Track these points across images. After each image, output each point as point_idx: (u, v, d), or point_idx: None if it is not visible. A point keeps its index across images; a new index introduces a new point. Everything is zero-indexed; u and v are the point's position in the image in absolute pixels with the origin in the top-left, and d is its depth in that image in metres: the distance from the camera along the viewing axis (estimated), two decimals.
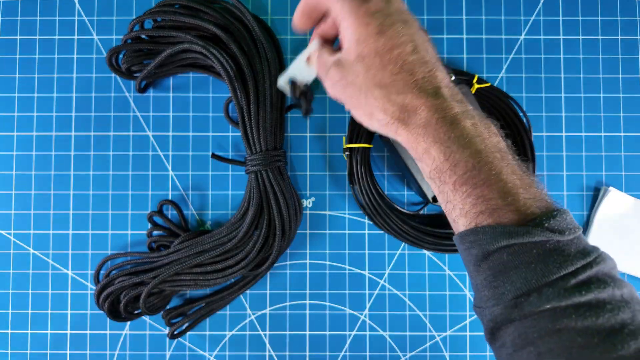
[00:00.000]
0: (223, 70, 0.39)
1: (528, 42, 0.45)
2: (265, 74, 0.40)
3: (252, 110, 0.40)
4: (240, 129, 0.40)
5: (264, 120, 0.40)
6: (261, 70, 0.40)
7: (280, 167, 0.41)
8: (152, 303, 0.41)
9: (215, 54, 0.39)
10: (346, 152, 0.43)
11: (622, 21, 0.45)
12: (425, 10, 0.45)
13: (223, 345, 0.44)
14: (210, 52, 0.39)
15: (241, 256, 0.41)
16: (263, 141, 0.40)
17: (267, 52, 0.40)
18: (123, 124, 0.45)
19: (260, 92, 0.40)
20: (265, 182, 0.40)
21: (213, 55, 0.39)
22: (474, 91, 0.42)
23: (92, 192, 0.44)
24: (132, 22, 0.41)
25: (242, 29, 0.40)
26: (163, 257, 0.41)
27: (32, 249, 0.44)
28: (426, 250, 0.44)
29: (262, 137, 0.40)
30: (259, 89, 0.40)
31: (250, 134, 0.40)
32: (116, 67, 0.43)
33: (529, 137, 0.42)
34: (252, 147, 0.40)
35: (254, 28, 0.40)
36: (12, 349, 0.44)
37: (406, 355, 0.44)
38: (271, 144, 0.41)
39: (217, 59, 0.39)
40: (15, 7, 0.45)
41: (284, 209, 0.40)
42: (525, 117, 0.43)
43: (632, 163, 0.45)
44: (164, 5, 0.41)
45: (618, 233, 0.44)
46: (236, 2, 0.41)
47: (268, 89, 0.40)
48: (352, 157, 0.42)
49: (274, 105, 0.40)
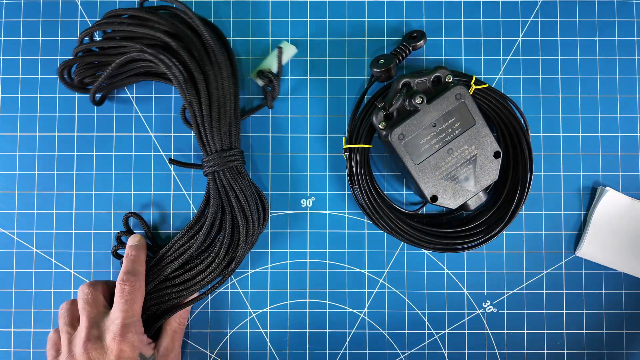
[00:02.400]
0: (172, 76, 0.40)
1: (526, 44, 0.45)
2: (216, 76, 0.40)
3: (205, 113, 0.40)
4: (195, 132, 0.41)
5: (217, 121, 0.40)
6: (212, 73, 0.40)
7: (237, 167, 0.41)
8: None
9: (165, 60, 0.39)
10: (346, 152, 0.43)
11: (619, 23, 0.45)
12: (424, 12, 0.45)
13: (224, 343, 0.45)
14: (159, 59, 0.39)
15: (210, 259, 0.41)
16: (217, 142, 0.41)
17: (217, 55, 0.41)
18: (125, 125, 0.45)
19: (212, 94, 0.40)
20: (223, 182, 0.41)
21: (162, 62, 0.39)
22: (472, 92, 0.42)
23: (95, 192, 0.45)
24: (80, 34, 0.41)
25: (191, 34, 0.41)
26: None
27: (35, 248, 0.45)
28: (425, 249, 0.44)
29: (217, 138, 0.40)
30: (210, 92, 0.40)
31: (204, 136, 0.41)
32: (68, 81, 0.43)
33: (527, 137, 0.43)
34: (207, 148, 0.41)
35: (203, 32, 0.40)
36: (15, 348, 0.44)
37: (405, 353, 0.44)
38: (226, 144, 0.41)
39: (167, 65, 0.39)
40: (18, 8, 0.45)
41: (245, 207, 0.41)
42: (522, 117, 0.44)
43: (629, 163, 0.45)
44: (110, 17, 0.41)
45: (615, 233, 0.44)
46: (184, 8, 0.41)
47: (220, 90, 0.40)
48: (352, 157, 0.43)
49: (227, 107, 0.41)
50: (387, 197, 0.44)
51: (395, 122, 0.40)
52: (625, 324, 0.44)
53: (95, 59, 0.42)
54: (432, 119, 0.39)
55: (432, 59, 0.45)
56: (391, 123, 0.40)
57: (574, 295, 0.44)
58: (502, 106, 0.43)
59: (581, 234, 0.45)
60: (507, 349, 0.44)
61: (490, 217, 0.43)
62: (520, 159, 0.43)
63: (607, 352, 0.44)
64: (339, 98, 0.45)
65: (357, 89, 0.45)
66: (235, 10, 0.45)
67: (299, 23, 0.45)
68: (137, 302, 0.39)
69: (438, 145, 0.40)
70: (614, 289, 0.44)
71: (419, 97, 0.39)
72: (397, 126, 0.39)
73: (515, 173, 0.43)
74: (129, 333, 0.38)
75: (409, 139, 0.40)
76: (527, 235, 0.45)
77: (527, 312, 0.44)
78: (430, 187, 0.40)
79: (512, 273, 0.45)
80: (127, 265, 0.40)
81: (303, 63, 0.45)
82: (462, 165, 0.40)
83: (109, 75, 0.41)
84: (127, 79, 0.43)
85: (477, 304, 0.45)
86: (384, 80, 0.44)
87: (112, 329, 0.37)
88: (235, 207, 0.41)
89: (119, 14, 0.41)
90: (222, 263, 0.41)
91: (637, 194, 0.45)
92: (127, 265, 0.40)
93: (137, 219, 0.44)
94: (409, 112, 0.40)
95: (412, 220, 0.44)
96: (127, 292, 0.39)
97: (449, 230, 0.43)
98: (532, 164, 0.43)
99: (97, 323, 0.38)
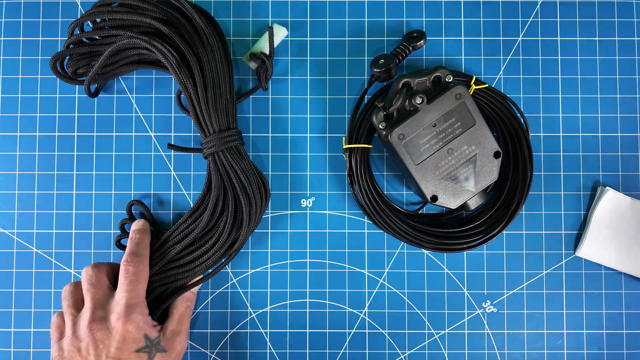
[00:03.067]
0: (167, 61, 0.40)
1: (526, 44, 0.45)
2: (209, 59, 0.41)
3: (200, 95, 0.40)
4: (192, 114, 0.41)
5: (212, 102, 0.41)
6: (205, 55, 0.41)
7: (237, 147, 0.42)
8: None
9: (157, 45, 0.39)
10: (346, 152, 0.43)
11: (619, 22, 0.45)
12: (424, 12, 0.45)
13: (224, 343, 0.45)
14: (152, 45, 0.40)
15: (214, 239, 0.41)
16: (215, 123, 0.41)
17: (208, 37, 0.41)
18: (125, 125, 0.45)
19: (207, 76, 0.40)
20: (224, 163, 0.41)
21: (155, 47, 0.40)
22: (472, 92, 0.42)
23: (95, 192, 0.45)
24: (70, 25, 0.41)
25: (182, 19, 0.41)
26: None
27: (35, 248, 0.45)
28: (425, 249, 0.44)
29: (214, 119, 0.41)
30: (204, 74, 0.40)
31: (202, 117, 0.41)
32: (62, 72, 0.43)
33: (527, 137, 0.43)
34: (205, 130, 0.41)
35: (193, 16, 0.41)
36: (15, 348, 0.44)
37: (405, 353, 0.44)
38: (224, 125, 0.41)
39: (160, 50, 0.40)
40: (18, 8, 0.45)
41: (247, 186, 0.41)
42: (522, 117, 0.44)
43: (629, 163, 0.45)
44: (100, 6, 0.41)
45: (615, 233, 0.44)
46: None
47: (214, 72, 0.41)
48: (352, 157, 0.43)
49: (222, 87, 0.41)
50: (387, 197, 0.44)
51: (395, 122, 0.40)
52: (625, 324, 0.44)
53: (87, 50, 0.42)
54: (432, 119, 0.39)
55: (432, 59, 0.45)
56: (391, 123, 0.40)
57: (574, 295, 0.44)
58: (502, 106, 0.43)
59: (581, 233, 0.45)
60: (507, 348, 0.44)
61: (490, 217, 0.43)
62: (520, 159, 0.43)
63: (607, 352, 0.44)
64: (339, 98, 0.45)
65: (357, 89, 0.45)
66: (235, 11, 0.45)
67: (299, 23, 0.45)
68: (141, 282, 0.39)
69: (438, 145, 0.40)
70: (614, 289, 0.44)
71: (419, 97, 0.39)
72: (397, 126, 0.39)
73: (515, 173, 0.43)
74: (134, 313, 0.37)
75: (409, 139, 0.40)
76: (527, 235, 0.45)
77: (527, 312, 0.44)
78: (430, 187, 0.40)
79: (512, 273, 0.45)
80: (131, 247, 0.40)
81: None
82: (462, 165, 0.40)
83: (102, 64, 0.41)
84: (121, 67, 0.43)
85: (477, 303, 0.45)
86: (384, 80, 0.44)
87: (116, 310, 0.37)
88: (237, 187, 0.41)
89: (108, 3, 0.41)
90: (227, 243, 0.41)
91: (637, 194, 0.45)
92: (131, 247, 0.40)
93: (141, 206, 0.44)
94: (409, 112, 0.40)
95: (412, 220, 0.44)
96: (131, 272, 0.39)
97: (449, 230, 0.43)
98: (532, 163, 0.43)
99: (101, 304, 0.38)
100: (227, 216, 0.41)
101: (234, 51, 0.45)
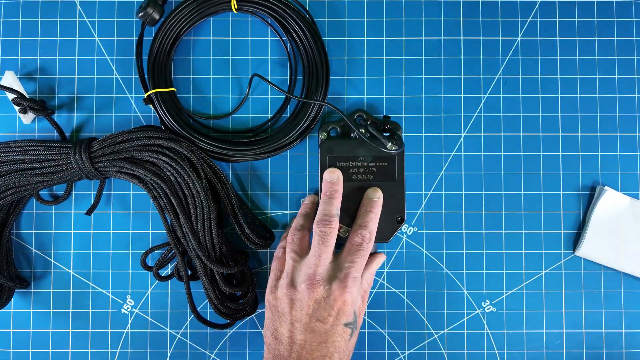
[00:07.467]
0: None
1: (525, 44, 0.45)
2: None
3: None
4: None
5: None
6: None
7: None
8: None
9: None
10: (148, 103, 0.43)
11: (618, 22, 0.45)
12: (424, 12, 0.45)
13: (224, 343, 0.45)
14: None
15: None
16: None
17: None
18: (125, 125, 0.45)
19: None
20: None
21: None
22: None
23: (94, 192, 0.45)
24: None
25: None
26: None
27: (34, 249, 0.45)
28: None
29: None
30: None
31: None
32: None
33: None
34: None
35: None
36: (14, 348, 0.44)
37: (404, 353, 0.44)
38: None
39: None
40: (17, 8, 0.45)
41: None
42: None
43: (628, 163, 0.45)
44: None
45: (614, 232, 0.44)
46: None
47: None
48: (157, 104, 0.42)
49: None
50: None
51: (334, 137, 0.43)
52: (624, 323, 0.44)
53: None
54: (363, 153, 0.42)
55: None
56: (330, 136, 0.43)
57: (573, 295, 0.45)
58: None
59: (580, 233, 0.45)
60: (506, 348, 0.44)
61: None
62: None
63: (607, 351, 0.44)
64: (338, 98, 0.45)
65: (357, 89, 0.45)
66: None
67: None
68: (366, 258, 0.39)
69: (357, 177, 0.42)
70: (613, 289, 0.45)
71: (369, 129, 0.41)
72: (333, 140, 0.42)
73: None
74: (354, 287, 0.37)
75: (334, 156, 0.42)
76: (526, 234, 0.45)
77: (526, 311, 0.45)
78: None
79: (511, 273, 0.45)
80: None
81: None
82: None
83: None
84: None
85: (476, 303, 0.45)
86: (150, 24, 0.43)
87: (340, 277, 0.37)
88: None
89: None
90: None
91: (637, 194, 0.45)
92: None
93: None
94: (349, 137, 0.42)
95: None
96: (363, 247, 0.38)
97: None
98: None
99: (327, 265, 0.38)
100: None
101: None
